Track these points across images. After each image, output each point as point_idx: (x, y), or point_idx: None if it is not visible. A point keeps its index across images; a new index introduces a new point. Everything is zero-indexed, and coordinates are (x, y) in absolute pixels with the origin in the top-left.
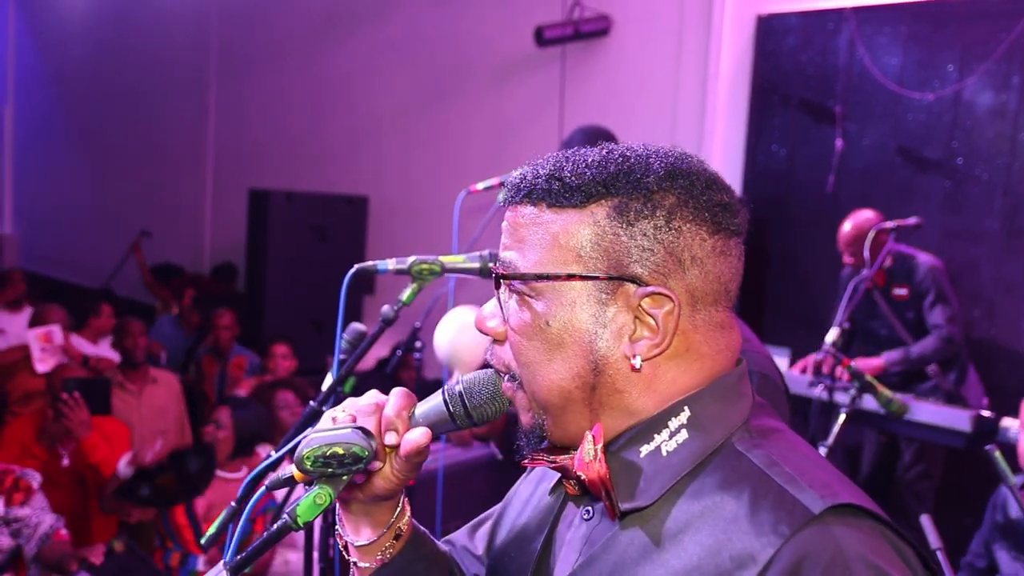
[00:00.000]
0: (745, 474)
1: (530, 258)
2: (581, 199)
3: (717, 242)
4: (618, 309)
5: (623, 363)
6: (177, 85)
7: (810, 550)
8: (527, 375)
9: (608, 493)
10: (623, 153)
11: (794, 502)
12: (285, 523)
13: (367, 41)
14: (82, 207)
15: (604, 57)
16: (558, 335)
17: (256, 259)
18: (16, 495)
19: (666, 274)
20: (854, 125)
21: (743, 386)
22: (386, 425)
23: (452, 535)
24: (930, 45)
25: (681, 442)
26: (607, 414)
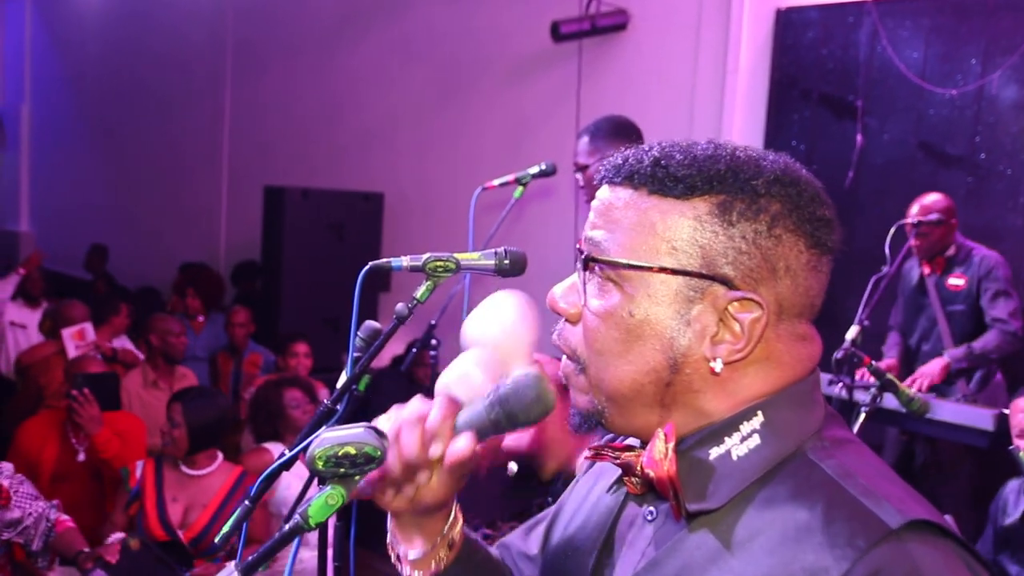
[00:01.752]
0: (818, 484)
1: (622, 242)
2: (685, 190)
3: (812, 256)
4: (704, 308)
5: (702, 364)
6: (193, 84)
7: (885, 566)
8: (598, 362)
9: (676, 493)
10: (734, 151)
11: (870, 515)
12: (297, 523)
13: (382, 38)
14: (98, 205)
15: (621, 52)
16: (639, 326)
17: (271, 256)
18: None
19: (758, 280)
20: (875, 120)
21: (816, 394)
22: (430, 436)
23: (506, 538)
24: (953, 38)
25: (753, 447)
26: (678, 412)
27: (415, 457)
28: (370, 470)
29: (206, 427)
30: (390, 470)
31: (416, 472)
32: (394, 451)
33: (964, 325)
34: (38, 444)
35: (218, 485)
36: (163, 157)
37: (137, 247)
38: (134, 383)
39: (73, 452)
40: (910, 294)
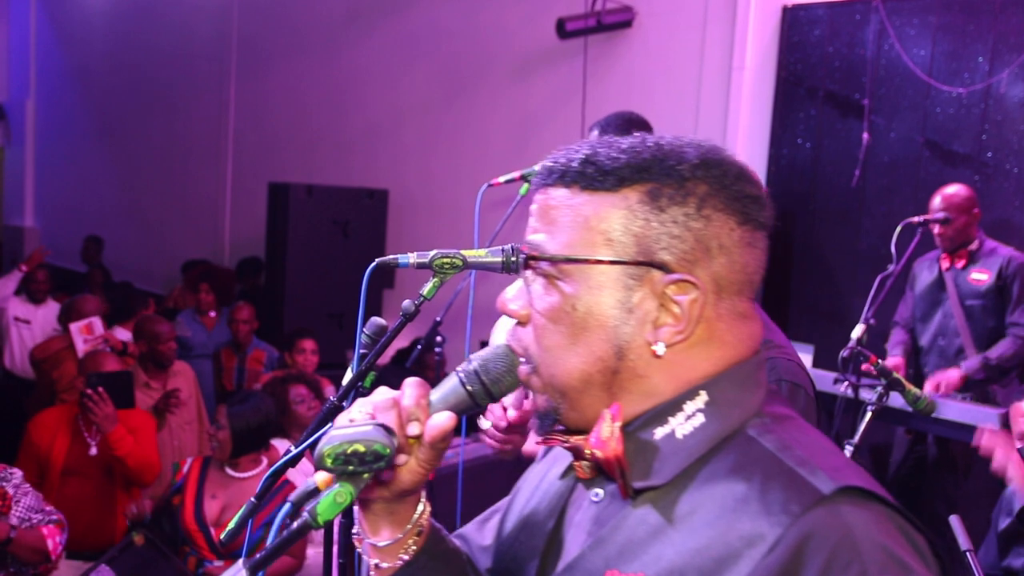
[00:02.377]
0: (757, 458)
1: (560, 240)
2: (615, 182)
3: (744, 233)
4: (644, 295)
5: (646, 349)
6: (198, 80)
7: (818, 530)
8: (547, 359)
9: (622, 471)
10: (657, 141)
11: (804, 483)
12: (305, 522)
13: (387, 35)
14: (103, 201)
15: (627, 49)
16: (583, 319)
17: (276, 252)
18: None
19: (693, 262)
20: (881, 118)
21: (760, 374)
22: (407, 416)
23: (463, 530)
24: (961, 36)
25: (697, 425)
26: (625, 397)
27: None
28: (379, 468)
29: (250, 431)
30: None
31: (395, 455)
32: None
33: (982, 320)
34: (49, 438)
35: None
36: (168, 153)
37: (141, 242)
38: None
39: (85, 446)
40: (925, 289)
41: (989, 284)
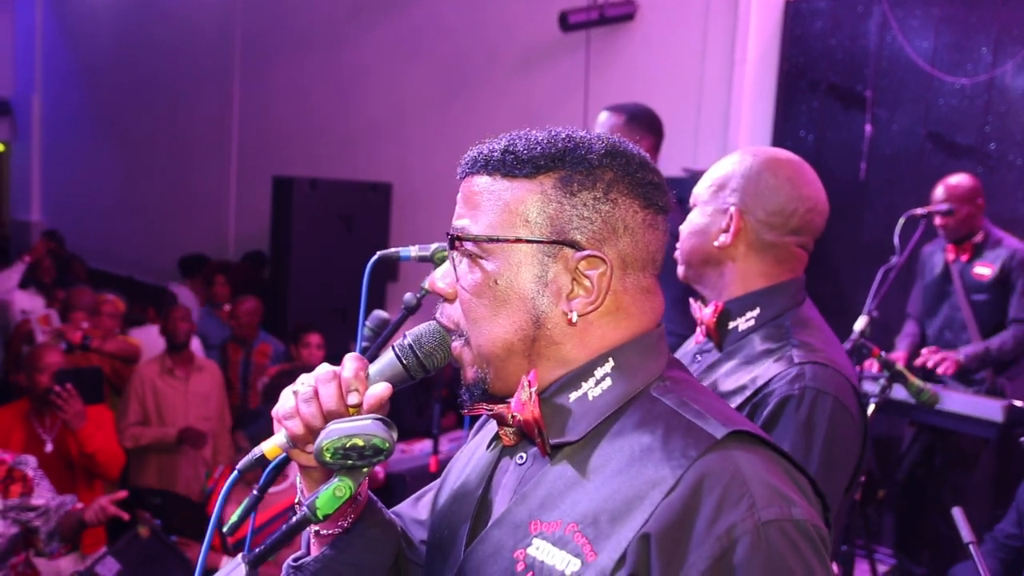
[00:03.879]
0: (659, 414)
1: (482, 222)
2: (531, 170)
3: (647, 216)
4: (558, 270)
5: (561, 318)
6: (202, 74)
7: (712, 470)
8: (475, 330)
9: (540, 432)
10: (569, 134)
11: (700, 431)
12: (304, 516)
13: (391, 28)
14: (108, 195)
15: (629, 42)
16: (504, 292)
17: (280, 246)
18: (13, 486)
19: (602, 240)
20: (884, 110)
21: (661, 345)
22: (346, 387)
23: (397, 507)
24: (964, 28)
25: (606, 388)
26: (543, 364)
27: (335, 407)
28: (378, 462)
29: None
30: (310, 423)
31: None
32: (313, 405)
33: (990, 315)
34: (2, 438)
35: (281, 500)
36: (172, 147)
37: (146, 237)
38: (150, 371)
39: (40, 442)
40: (933, 281)
41: (992, 279)
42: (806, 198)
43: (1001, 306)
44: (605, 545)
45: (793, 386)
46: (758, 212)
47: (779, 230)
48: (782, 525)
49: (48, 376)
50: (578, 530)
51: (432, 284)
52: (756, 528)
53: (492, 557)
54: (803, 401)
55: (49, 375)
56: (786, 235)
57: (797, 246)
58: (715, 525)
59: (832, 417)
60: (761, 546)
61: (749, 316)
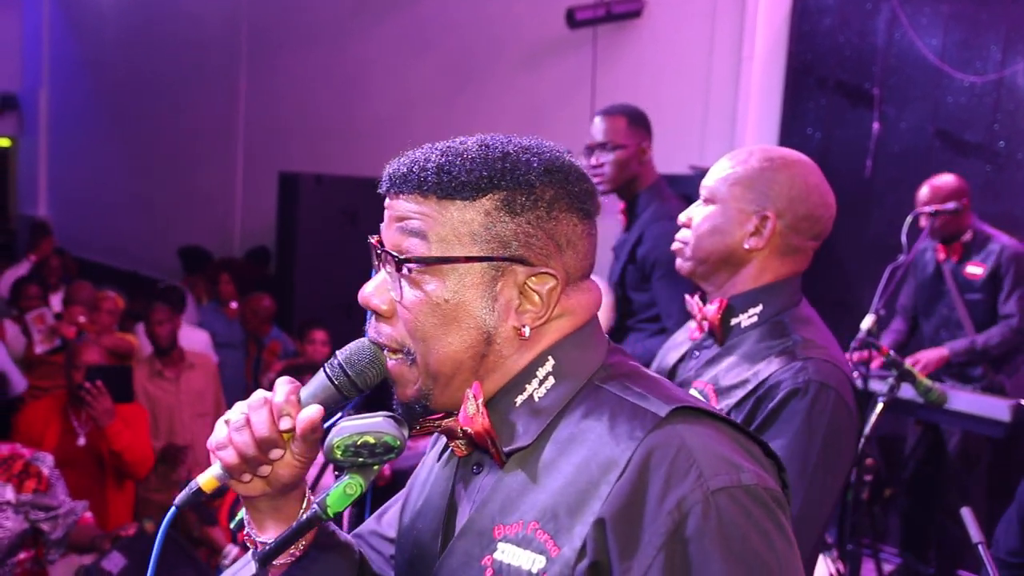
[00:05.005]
0: (604, 401)
1: (428, 243)
2: (471, 192)
3: (585, 226)
4: (504, 286)
5: (511, 333)
6: (208, 70)
7: (658, 446)
8: (422, 348)
9: (493, 441)
10: (504, 149)
11: (643, 411)
12: (315, 513)
13: (397, 24)
14: (115, 190)
15: (636, 39)
16: (454, 310)
17: (286, 242)
18: (28, 481)
19: (548, 255)
20: (892, 108)
21: (598, 335)
22: (277, 412)
23: (359, 528)
24: (973, 25)
25: (550, 387)
26: (489, 377)
27: (267, 434)
28: (389, 459)
29: None
30: (244, 452)
31: (269, 450)
32: (245, 433)
33: (984, 314)
34: (39, 428)
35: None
36: (178, 143)
37: (151, 231)
38: (140, 375)
39: (74, 436)
40: (926, 280)
41: (985, 277)
42: (830, 204)
43: (996, 304)
44: (567, 538)
45: (798, 379)
46: (789, 217)
47: (805, 235)
48: (732, 492)
49: (83, 372)
50: (539, 527)
51: (366, 301)
52: (706, 497)
53: (462, 568)
54: (807, 394)
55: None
56: (809, 239)
57: (813, 249)
58: (665, 500)
59: (834, 410)
60: (711, 515)
61: (752, 312)
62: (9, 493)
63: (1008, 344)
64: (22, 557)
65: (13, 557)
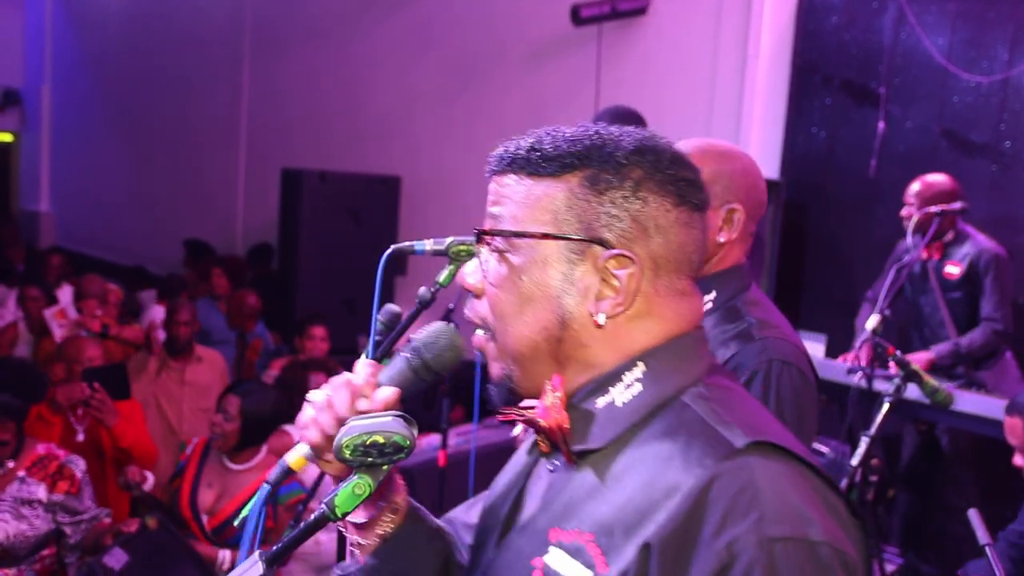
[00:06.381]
0: (686, 421)
1: (510, 219)
2: (557, 168)
3: (681, 214)
4: (586, 270)
5: (588, 319)
6: (211, 65)
7: (723, 478)
8: (500, 326)
9: (564, 438)
10: (597, 130)
11: (720, 438)
12: (323, 513)
13: (401, 21)
14: (117, 186)
15: (641, 36)
16: (529, 289)
17: (289, 239)
18: (61, 483)
19: (631, 239)
20: (897, 107)
21: (701, 349)
22: (357, 392)
23: (451, 513)
24: (980, 24)
25: (635, 394)
26: (570, 367)
27: (346, 413)
28: (399, 459)
29: (260, 425)
30: (326, 431)
31: None
32: (326, 413)
33: (964, 313)
34: (44, 425)
35: (254, 479)
36: (181, 139)
37: (154, 227)
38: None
39: (72, 432)
40: (912, 278)
41: (961, 277)
42: (765, 189)
43: (974, 303)
44: (616, 557)
45: (760, 359)
46: (748, 206)
47: (755, 220)
48: (792, 544)
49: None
50: (593, 540)
51: (461, 279)
52: (760, 544)
53: (513, 563)
54: (771, 372)
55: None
56: (757, 224)
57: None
58: (718, 538)
59: (796, 385)
60: (761, 564)
61: (707, 300)
62: (42, 492)
63: (991, 346)
64: (44, 554)
65: (36, 554)
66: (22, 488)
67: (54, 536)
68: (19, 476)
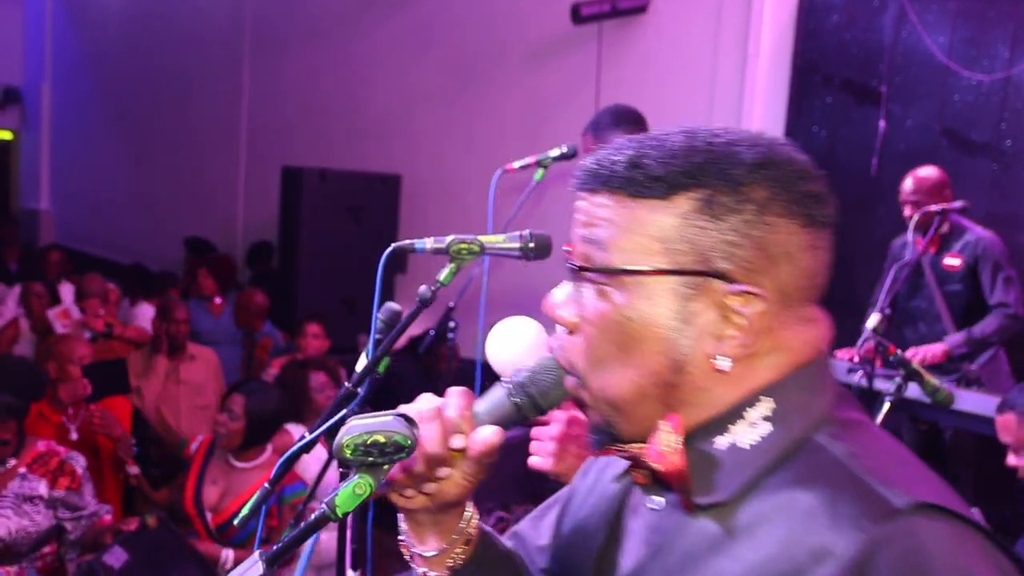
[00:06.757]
0: (825, 467)
1: (613, 248)
2: (665, 190)
3: (809, 236)
4: (703, 305)
5: (706, 361)
6: (212, 63)
7: (887, 546)
8: (598, 372)
9: (686, 487)
10: (709, 140)
11: (876, 496)
12: (323, 513)
13: (402, 19)
14: (117, 184)
15: (641, 35)
16: (638, 330)
17: (289, 237)
18: (62, 479)
19: (756, 271)
20: (898, 106)
21: (826, 377)
22: (450, 428)
23: (518, 527)
24: (981, 23)
25: (763, 435)
26: (685, 409)
27: (438, 451)
28: (400, 459)
29: (263, 424)
30: (410, 466)
31: (438, 467)
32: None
33: (962, 306)
34: (41, 425)
35: (259, 477)
36: (181, 137)
37: (154, 226)
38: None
39: (65, 430)
40: (907, 273)
41: (962, 269)
42: None
43: (972, 295)
44: None
45: None
46: None
47: None
48: None
49: (78, 368)
50: None
51: (551, 310)
52: None
53: None
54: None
55: (79, 366)
56: None
57: None
58: None
59: None
60: None
61: None
62: (43, 488)
63: (1007, 331)
64: (46, 551)
65: (37, 551)
66: (23, 485)
67: (55, 532)
68: (20, 473)
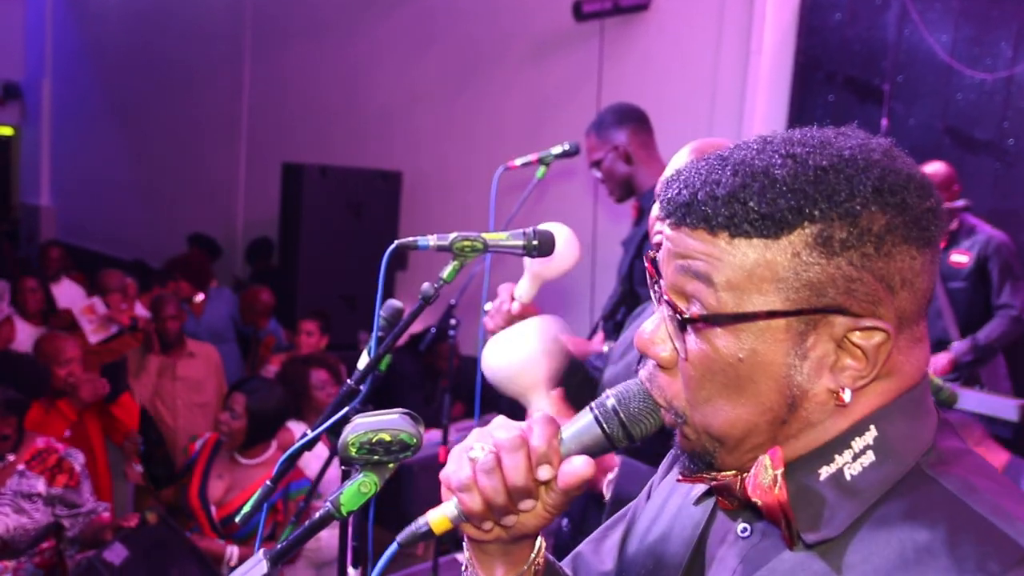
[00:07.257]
0: (939, 502)
1: (718, 288)
2: (773, 228)
3: (927, 256)
4: (817, 338)
5: (822, 395)
6: (212, 59)
7: None
8: (704, 410)
9: (788, 522)
10: (819, 166)
11: (1002, 536)
12: (328, 511)
13: (403, 15)
14: (117, 180)
15: (643, 32)
16: (750, 370)
17: (289, 233)
18: (60, 476)
19: (876, 302)
20: (901, 104)
21: (929, 401)
22: (538, 459)
23: (579, 550)
24: (984, 21)
25: (867, 465)
26: (790, 444)
27: (523, 483)
28: (405, 457)
29: (266, 422)
30: (492, 499)
31: (521, 500)
32: (496, 478)
33: (965, 303)
34: (39, 425)
35: (263, 473)
36: (182, 132)
37: (155, 221)
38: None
39: (83, 428)
40: None
41: (970, 267)
42: None
43: (977, 294)
44: None
45: None
46: None
47: None
48: None
49: (68, 368)
50: None
51: (644, 346)
52: None
53: None
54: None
55: (69, 367)
56: None
57: None
58: None
59: None
60: None
61: None
62: (41, 485)
63: (1011, 335)
64: (44, 547)
65: (35, 547)
66: (22, 481)
67: (53, 529)
68: (19, 470)
